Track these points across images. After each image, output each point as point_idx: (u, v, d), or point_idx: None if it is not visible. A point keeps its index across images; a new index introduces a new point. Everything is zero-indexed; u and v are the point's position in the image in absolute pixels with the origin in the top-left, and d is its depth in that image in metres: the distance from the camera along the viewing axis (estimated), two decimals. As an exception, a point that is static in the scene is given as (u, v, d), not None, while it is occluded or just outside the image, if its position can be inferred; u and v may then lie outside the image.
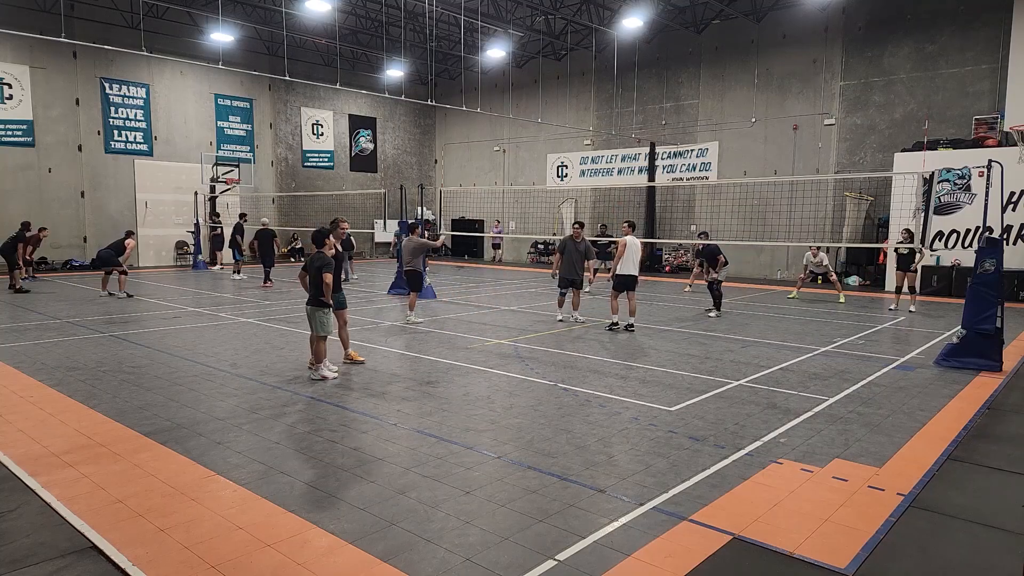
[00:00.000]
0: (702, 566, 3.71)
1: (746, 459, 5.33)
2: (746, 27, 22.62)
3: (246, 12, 24.34)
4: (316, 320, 7.73)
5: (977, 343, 8.63)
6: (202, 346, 9.80)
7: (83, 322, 11.78)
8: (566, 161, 28.28)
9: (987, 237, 8.70)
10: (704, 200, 23.64)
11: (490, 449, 5.53)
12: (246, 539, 3.96)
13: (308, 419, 6.35)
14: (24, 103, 21.27)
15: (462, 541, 3.95)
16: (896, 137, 19.85)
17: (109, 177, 23.24)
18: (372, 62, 29.60)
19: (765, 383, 7.85)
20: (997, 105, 17.99)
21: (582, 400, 7.06)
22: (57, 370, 8.18)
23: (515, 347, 9.96)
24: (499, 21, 24.16)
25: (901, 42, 19.88)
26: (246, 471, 5.00)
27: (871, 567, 3.73)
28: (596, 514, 4.32)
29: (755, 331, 11.56)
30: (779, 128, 22.28)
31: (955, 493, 4.78)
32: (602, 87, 26.80)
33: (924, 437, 5.96)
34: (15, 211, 20.70)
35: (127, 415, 6.38)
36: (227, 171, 24.63)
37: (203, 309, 13.63)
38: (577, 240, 12.10)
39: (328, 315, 7.79)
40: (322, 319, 7.72)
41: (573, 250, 12.07)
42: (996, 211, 9.53)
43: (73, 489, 4.66)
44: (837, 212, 20.93)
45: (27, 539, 3.96)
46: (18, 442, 5.62)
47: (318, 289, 7.68)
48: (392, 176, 31.56)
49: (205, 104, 25.56)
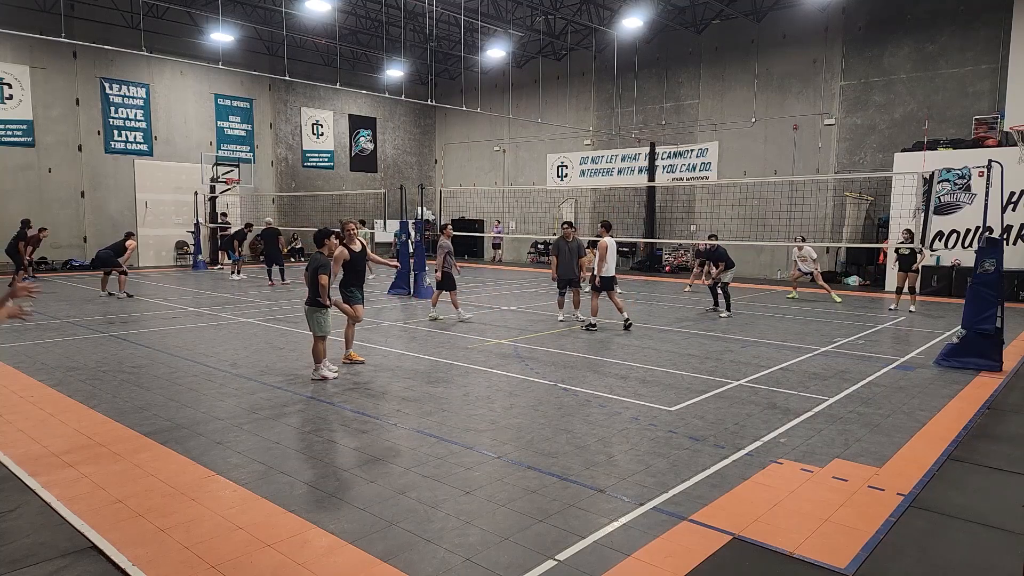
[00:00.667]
0: (702, 566, 3.71)
1: (746, 459, 5.33)
2: (746, 27, 22.62)
3: (246, 12, 24.34)
4: (313, 320, 7.74)
5: (977, 343, 8.63)
6: (202, 346, 9.80)
7: (83, 322, 11.78)
8: (566, 161, 28.28)
9: (987, 237, 8.70)
10: (704, 200, 23.64)
11: (490, 449, 5.53)
12: (246, 539, 3.96)
13: (308, 419, 6.35)
14: (24, 103, 21.27)
15: (462, 541, 3.95)
16: (896, 137, 19.85)
17: (109, 177, 23.24)
18: (372, 62, 29.60)
19: (765, 383, 7.85)
20: (997, 105, 17.99)
21: (582, 400, 7.06)
22: (57, 370, 8.18)
23: (515, 347, 9.96)
24: (499, 21, 24.16)
25: (901, 42, 19.88)
26: (246, 471, 5.00)
27: (871, 567, 3.73)
28: (596, 514, 4.32)
29: (755, 331, 11.56)
30: (779, 128, 22.28)
31: (955, 493, 4.78)
32: (602, 87, 26.80)
33: (924, 437, 5.96)
34: (15, 211, 20.70)
35: (127, 415, 6.38)
36: (227, 171, 24.63)
37: (203, 309, 13.63)
38: (569, 240, 12.27)
39: (326, 315, 7.78)
40: (320, 319, 7.72)
41: (567, 250, 12.23)
42: (996, 211, 9.52)
43: (73, 489, 4.66)
44: (837, 212, 20.93)
45: (27, 539, 3.96)
46: (18, 442, 5.62)
47: (314, 290, 7.70)
48: (392, 176, 31.57)
49: (205, 104, 25.56)
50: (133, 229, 23.55)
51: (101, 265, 15.57)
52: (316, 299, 7.70)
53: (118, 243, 15.71)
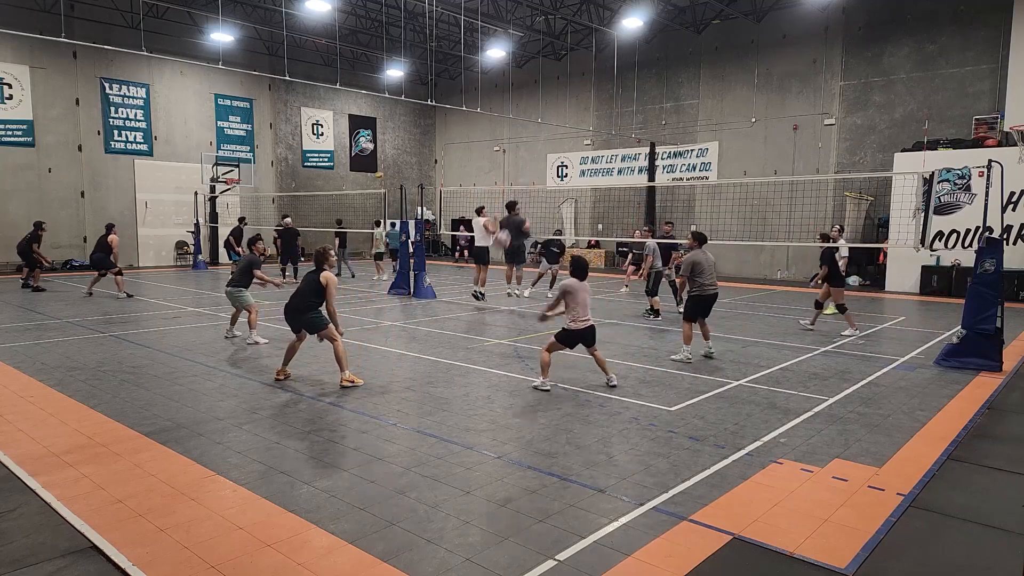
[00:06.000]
0: (702, 566, 3.71)
1: (746, 459, 5.33)
2: (746, 27, 22.62)
3: (246, 12, 24.35)
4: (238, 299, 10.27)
5: (977, 343, 8.63)
6: (202, 346, 9.80)
7: (83, 322, 11.78)
8: (566, 161, 28.28)
9: (987, 237, 8.70)
10: (704, 200, 23.63)
11: (490, 449, 5.53)
12: (246, 539, 3.96)
13: (308, 419, 6.35)
14: (24, 103, 21.27)
15: (462, 541, 3.95)
16: (896, 137, 19.85)
17: (109, 177, 23.25)
18: (372, 62, 29.60)
19: (765, 383, 7.85)
20: (997, 105, 18.00)
21: (582, 400, 7.06)
22: (57, 370, 8.18)
23: (515, 347, 9.96)
24: (499, 21, 24.16)
25: (901, 42, 19.88)
26: (246, 471, 5.00)
27: (871, 567, 3.73)
28: (596, 514, 4.32)
29: (755, 331, 11.56)
30: (779, 128, 22.28)
31: (955, 493, 4.78)
32: (602, 87, 26.80)
33: (924, 437, 5.96)
34: (15, 211, 20.72)
35: (127, 415, 6.38)
36: (227, 171, 24.64)
37: (203, 309, 13.63)
38: (515, 216, 13.82)
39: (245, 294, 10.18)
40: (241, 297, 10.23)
41: (513, 224, 13.67)
42: (996, 211, 9.52)
43: (73, 489, 4.66)
44: (837, 212, 20.93)
45: (27, 539, 3.96)
46: (18, 442, 5.62)
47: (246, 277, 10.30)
48: (392, 176, 31.56)
49: (205, 104, 25.56)
50: (133, 229, 23.65)
51: (96, 268, 15.57)
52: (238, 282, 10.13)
53: (103, 241, 15.56)
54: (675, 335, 10.99)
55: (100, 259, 15.39)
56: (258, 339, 10.01)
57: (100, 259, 15.39)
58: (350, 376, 7.55)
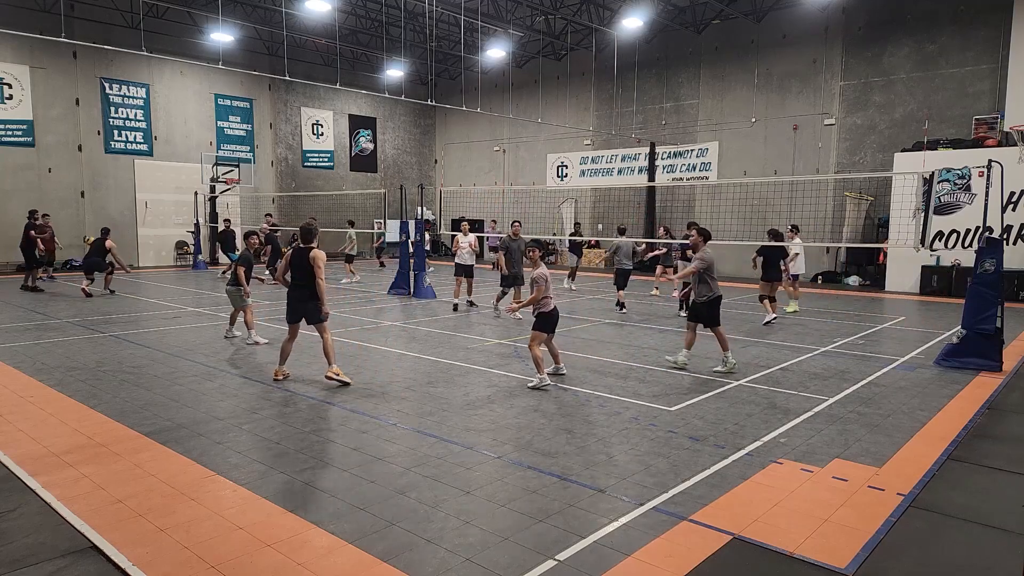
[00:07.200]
0: (702, 566, 3.71)
1: (746, 459, 5.33)
2: (746, 27, 22.62)
3: (246, 12, 24.34)
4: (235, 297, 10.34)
5: (977, 343, 8.63)
6: (202, 346, 9.80)
7: (83, 322, 11.78)
8: (566, 161, 28.27)
9: (987, 237, 8.70)
10: (704, 200, 23.63)
11: (490, 449, 5.53)
12: (246, 539, 3.96)
13: (308, 419, 6.34)
14: (24, 103, 21.27)
15: (462, 541, 3.95)
16: (896, 137, 19.85)
17: (109, 177, 23.24)
18: (372, 62, 29.60)
19: (765, 383, 7.85)
20: (997, 105, 18.00)
21: (582, 400, 7.06)
22: (57, 370, 8.18)
23: (515, 347, 9.95)
24: (499, 21, 24.16)
25: (901, 42, 19.88)
26: (246, 471, 5.00)
27: (871, 567, 3.73)
28: (596, 514, 4.32)
29: (755, 331, 11.56)
30: (779, 128, 22.28)
31: (955, 493, 4.78)
32: (602, 87, 26.80)
33: (924, 437, 5.96)
34: (15, 211, 20.70)
35: (127, 415, 6.38)
36: (227, 171, 24.63)
37: (203, 309, 13.63)
38: (515, 238, 12.91)
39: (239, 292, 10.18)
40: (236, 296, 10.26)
41: (516, 249, 12.80)
42: (996, 211, 9.51)
43: (73, 489, 4.66)
44: (837, 212, 20.93)
45: (27, 539, 3.96)
46: (18, 442, 5.62)
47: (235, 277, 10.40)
48: (392, 176, 31.56)
49: (205, 104, 25.56)
50: (133, 229, 23.65)
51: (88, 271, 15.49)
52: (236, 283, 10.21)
53: (100, 245, 15.52)
54: (675, 336, 11.00)
55: (95, 263, 15.43)
56: (258, 339, 10.01)
57: (95, 263, 15.43)
58: (336, 370, 7.57)
